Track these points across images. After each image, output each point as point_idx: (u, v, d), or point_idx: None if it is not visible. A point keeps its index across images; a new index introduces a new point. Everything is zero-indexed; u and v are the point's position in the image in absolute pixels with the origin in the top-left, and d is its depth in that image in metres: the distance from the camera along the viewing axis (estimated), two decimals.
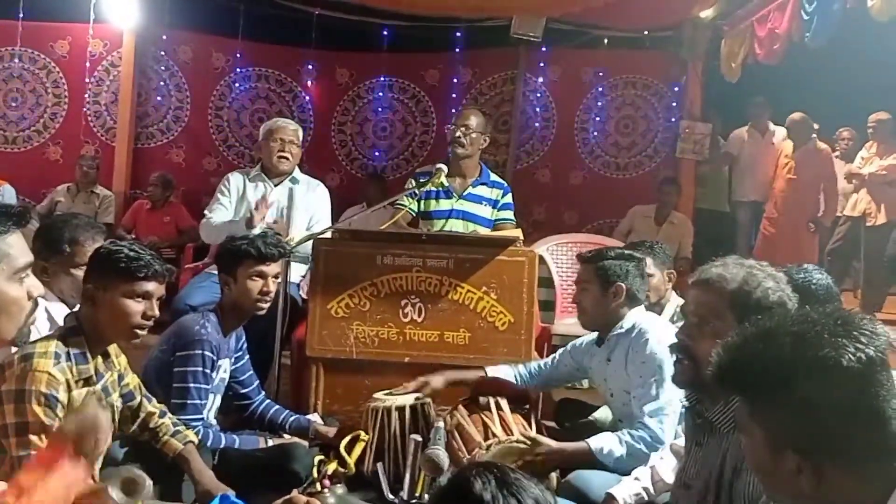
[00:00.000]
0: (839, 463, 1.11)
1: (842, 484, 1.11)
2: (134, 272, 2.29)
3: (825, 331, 1.13)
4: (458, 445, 2.69)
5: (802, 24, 4.82)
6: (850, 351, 1.10)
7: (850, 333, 1.13)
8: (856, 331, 1.13)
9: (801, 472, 1.12)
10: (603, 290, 2.90)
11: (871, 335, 1.13)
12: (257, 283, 2.97)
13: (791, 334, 1.15)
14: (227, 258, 3.03)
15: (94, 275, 2.33)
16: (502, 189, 4.12)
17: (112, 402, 2.35)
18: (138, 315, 2.31)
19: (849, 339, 1.12)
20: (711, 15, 6.20)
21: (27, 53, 6.93)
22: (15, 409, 2.03)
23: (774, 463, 1.16)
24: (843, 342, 1.11)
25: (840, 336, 1.12)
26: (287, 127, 4.14)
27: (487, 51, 7.18)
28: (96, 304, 2.28)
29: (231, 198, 4.08)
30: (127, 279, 2.29)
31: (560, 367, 3.19)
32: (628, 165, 7.17)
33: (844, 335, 1.12)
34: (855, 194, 6.58)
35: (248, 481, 2.55)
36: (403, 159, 7.34)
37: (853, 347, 1.11)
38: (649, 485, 2.31)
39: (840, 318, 1.16)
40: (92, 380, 2.23)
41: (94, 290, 2.29)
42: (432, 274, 3.40)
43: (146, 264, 2.30)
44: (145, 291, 2.31)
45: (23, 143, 7.00)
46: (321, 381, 3.40)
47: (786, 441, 1.14)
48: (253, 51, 7.14)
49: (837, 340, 1.12)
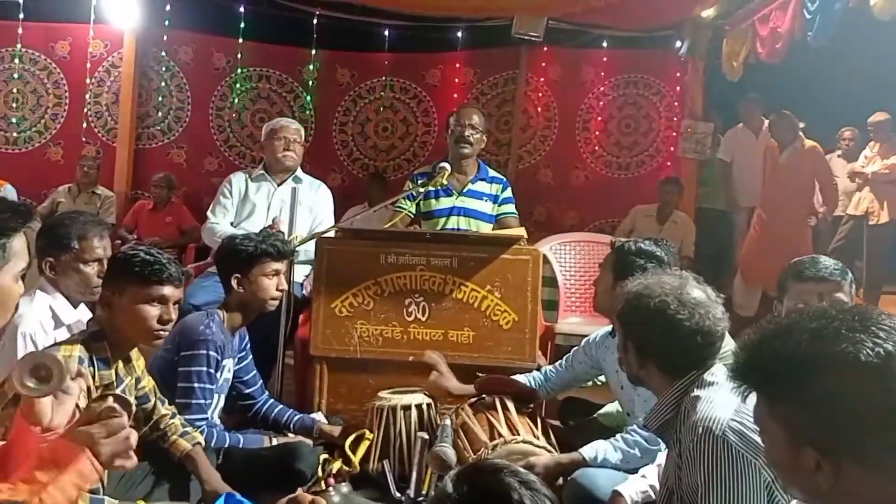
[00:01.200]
0: (858, 460, 1.10)
1: (860, 481, 1.10)
2: (149, 276, 2.31)
3: (843, 326, 1.13)
4: (463, 445, 2.69)
5: (804, 22, 4.81)
6: (867, 346, 1.10)
7: (867, 329, 1.12)
8: (874, 326, 1.12)
9: (819, 469, 1.11)
10: (614, 281, 2.89)
11: (890, 330, 1.12)
12: (274, 281, 3.00)
13: (808, 331, 1.15)
14: (235, 258, 3.02)
15: (111, 280, 2.34)
16: (502, 184, 4.12)
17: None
18: (154, 319, 2.33)
19: (866, 335, 1.11)
20: (713, 14, 6.19)
21: (28, 54, 6.92)
22: None
23: (793, 459, 1.15)
24: (860, 337, 1.11)
25: (857, 331, 1.12)
26: (290, 126, 4.15)
27: (489, 51, 7.18)
28: (113, 309, 2.30)
29: (233, 199, 4.08)
30: (142, 283, 2.30)
31: (575, 366, 3.17)
32: (630, 165, 7.16)
33: (862, 330, 1.12)
34: (858, 193, 6.58)
35: (253, 480, 2.55)
36: (405, 159, 7.34)
37: (871, 342, 1.10)
38: (656, 482, 2.30)
39: (857, 314, 1.15)
40: (112, 386, 2.24)
41: (111, 295, 2.30)
42: (436, 273, 3.40)
43: (161, 268, 2.32)
44: (161, 295, 2.33)
45: (24, 143, 6.99)
46: (325, 380, 3.40)
47: (804, 437, 1.13)
48: (254, 51, 7.13)
49: (855, 335, 1.11)
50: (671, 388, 1.86)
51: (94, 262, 2.73)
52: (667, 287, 1.89)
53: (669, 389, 1.86)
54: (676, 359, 1.86)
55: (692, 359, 1.85)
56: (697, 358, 1.85)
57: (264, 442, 2.96)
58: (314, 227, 3.98)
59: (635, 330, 1.93)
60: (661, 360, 1.88)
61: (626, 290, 1.98)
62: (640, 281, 1.98)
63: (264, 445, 2.94)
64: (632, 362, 1.96)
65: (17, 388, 1.41)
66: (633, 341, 1.94)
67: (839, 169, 7.03)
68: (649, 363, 1.91)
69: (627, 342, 1.96)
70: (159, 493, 2.49)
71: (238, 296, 3.00)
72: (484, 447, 2.63)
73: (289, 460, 2.77)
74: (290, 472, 2.71)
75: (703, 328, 1.85)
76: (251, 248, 3.00)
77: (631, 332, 1.95)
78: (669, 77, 7.05)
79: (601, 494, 2.35)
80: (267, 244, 3.00)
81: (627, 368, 2.01)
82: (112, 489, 2.32)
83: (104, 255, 2.77)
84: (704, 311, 1.86)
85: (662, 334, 1.85)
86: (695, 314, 1.85)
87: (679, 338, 1.84)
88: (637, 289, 1.94)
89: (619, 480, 2.34)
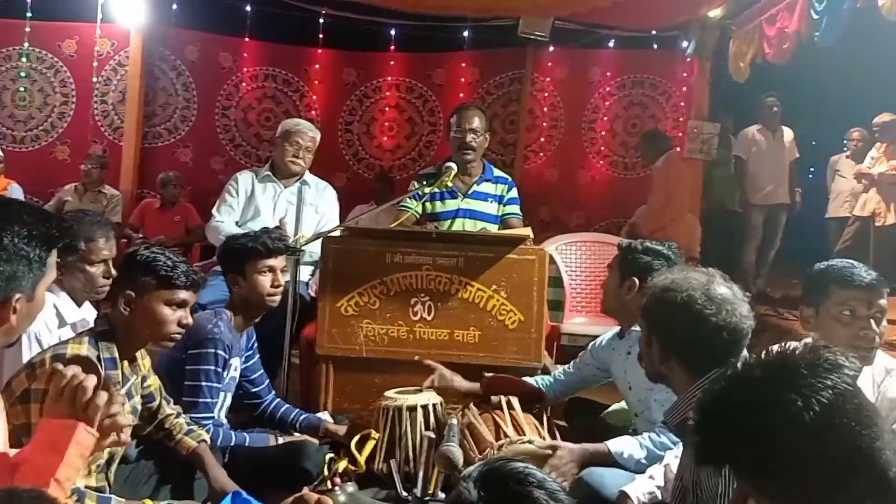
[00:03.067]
0: None
1: None
2: (173, 281, 2.33)
3: (776, 389, 1.11)
4: (469, 445, 2.68)
5: (812, 23, 4.79)
6: (809, 404, 1.08)
7: (802, 384, 1.10)
8: (812, 378, 1.10)
9: None
10: (620, 280, 2.94)
11: (824, 376, 1.10)
12: (267, 278, 3.00)
13: (744, 405, 1.13)
14: (233, 257, 3.04)
15: (131, 280, 2.34)
16: (507, 184, 4.09)
17: (134, 405, 2.36)
18: (174, 323, 2.35)
19: (797, 393, 1.09)
20: (720, 14, 6.17)
21: (35, 53, 6.94)
22: (42, 410, 2.02)
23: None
24: (793, 398, 1.08)
25: (791, 391, 1.09)
26: (306, 133, 4.10)
27: (495, 50, 7.18)
28: (132, 310, 2.30)
29: (239, 198, 4.06)
30: (166, 287, 2.33)
31: (583, 369, 3.17)
32: (636, 165, 7.15)
33: (795, 389, 1.09)
34: (864, 194, 6.56)
35: (260, 479, 2.54)
36: (410, 159, 7.34)
37: (811, 400, 1.08)
38: (663, 483, 2.29)
39: (785, 371, 1.13)
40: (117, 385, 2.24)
41: (132, 295, 2.30)
42: (442, 272, 3.39)
43: (184, 273, 2.35)
44: (181, 300, 2.36)
45: (30, 142, 7.01)
46: (331, 380, 3.39)
47: (787, 499, 1.13)
48: (260, 50, 7.15)
49: (790, 397, 1.09)
50: (693, 385, 1.84)
51: (99, 262, 2.75)
52: (694, 282, 1.88)
53: (691, 386, 1.85)
54: (701, 354, 1.84)
55: (717, 355, 1.84)
56: (722, 355, 1.83)
57: (269, 441, 2.96)
58: (320, 227, 3.98)
59: (661, 324, 1.91)
60: (685, 355, 1.86)
61: (651, 285, 1.98)
62: (665, 276, 1.98)
63: (270, 444, 2.94)
64: (654, 358, 1.94)
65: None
66: (658, 336, 1.92)
67: (847, 170, 7.02)
68: (672, 358, 1.89)
69: (651, 337, 1.94)
70: (164, 493, 2.49)
71: (238, 294, 3.01)
72: (490, 447, 2.63)
73: (295, 459, 2.76)
74: (296, 471, 2.71)
75: (730, 324, 1.84)
76: (240, 246, 3.02)
77: (656, 327, 1.93)
78: (676, 77, 7.04)
79: (608, 494, 2.34)
80: (258, 242, 3.01)
81: (648, 364, 1.99)
82: (118, 488, 2.32)
83: (110, 255, 2.79)
84: (731, 307, 1.85)
85: (688, 329, 1.84)
86: (721, 310, 1.84)
87: (705, 333, 1.83)
88: (664, 283, 1.93)
89: (626, 481, 2.33)
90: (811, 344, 1.18)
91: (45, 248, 1.54)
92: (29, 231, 1.51)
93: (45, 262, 1.55)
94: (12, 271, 1.49)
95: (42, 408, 2.01)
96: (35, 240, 1.52)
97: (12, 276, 1.49)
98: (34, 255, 1.52)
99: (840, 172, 7.17)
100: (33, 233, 1.52)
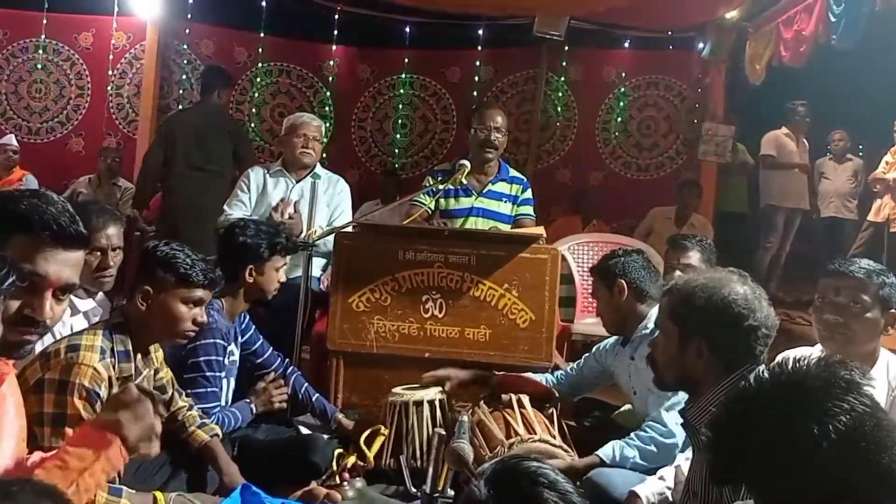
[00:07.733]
0: None
1: None
2: (191, 279, 2.35)
3: (792, 415, 1.09)
4: (479, 443, 2.68)
5: (830, 25, 4.76)
6: (826, 431, 1.06)
7: (819, 409, 1.08)
8: (828, 402, 1.08)
9: None
10: (609, 291, 3.01)
11: (841, 398, 1.08)
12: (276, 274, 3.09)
13: (759, 430, 1.12)
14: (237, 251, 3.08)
15: (149, 276, 2.35)
16: (521, 184, 4.08)
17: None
18: (189, 321, 2.37)
19: (815, 420, 1.07)
20: (736, 16, 6.14)
21: (51, 45, 6.98)
22: (56, 400, 2.03)
23: None
24: (810, 426, 1.07)
25: (808, 418, 1.08)
26: (311, 123, 4.12)
27: (509, 49, 7.17)
28: (148, 305, 2.31)
29: (251, 194, 4.07)
30: (184, 285, 2.35)
31: (585, 371, 3.19)
32: (649, 166, 7.13)
33: (811, 415, 1.08)
34: (879, 200, 6.51)
35: (269, 473, 2.55)
36: (423, 157, 7.34)
37: (828, 427, 1.06)
38: (673, 485, 2.29)
39: (801, 393, 1.11)
40: (131, 378, 2.25)
41: (150, 290, 2.32)
42: (454, 270, 3.39)
43: (202, 272, 2.37)
44: (198, 298, 2.38)
45: (45, 134, 7.05)
46: (341, 375, 3.40)
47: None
48: (275, 46, 7.16)
49: (808, 425, 1.07)
50: (719, 385, 1.84)
51: (96, 251, 2.72)
52: (728, 283, 1.90)
53: (718, 386, 1.84)
54: (735, 353, 1.85)
55: (750, 353, 1.85)
56: (752, 354, 1.85)
57: (252, 410, 3.01)
58: (332, 221, 3.98)
59: (699, 324, 1.89)
60: (720, 353, 1.86)
61: (678, 286, 1.97)
62: (694, 277, 1.99)
63: (252, 413, 2.99)
64: (682, 357, 1.91)
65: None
66: (690, 334, 1.90)
67: (831, 171, 7.07)
68: (701, 357, 1.88)
69: (682, 337, 1.91)
70: (176, 483, 2.49)
71: (248, 286, 3.05)
72: (500, 445, 2.63)
73: (304, 453, 2.78)
74: (305, 464, 2.72)
75: (764, 323, 1.85)
76: (247, 242, 3.07)
77: (689, 325, 1.91)
78: (691, 79, 7.02)
79: (618, 494, 2.34)
80: (262, 240, 3.07)
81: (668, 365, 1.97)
82: (129, 479, 2.33)
83: (107, 244, 2.75)
84: (762, 306, 1.88)
85: (726, 328, 1.85)
86: (756, 310, 1.86)
87: (743, 332, 1.85)
88: (700, 282, 1.93)
89: (636, 481, 2.33)
90: (824, 359, 1.16)
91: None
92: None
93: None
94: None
95: (55, 398, 2.03)
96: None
97: None
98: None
99: (825, 175, 7.20)
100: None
